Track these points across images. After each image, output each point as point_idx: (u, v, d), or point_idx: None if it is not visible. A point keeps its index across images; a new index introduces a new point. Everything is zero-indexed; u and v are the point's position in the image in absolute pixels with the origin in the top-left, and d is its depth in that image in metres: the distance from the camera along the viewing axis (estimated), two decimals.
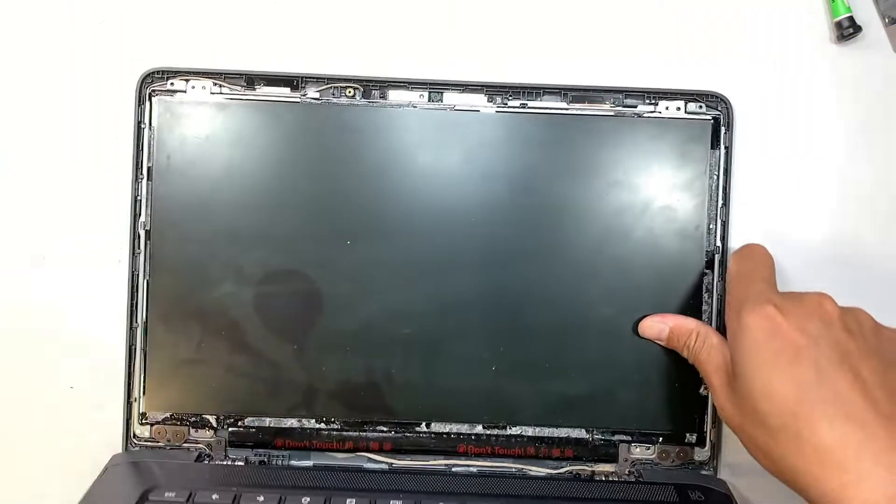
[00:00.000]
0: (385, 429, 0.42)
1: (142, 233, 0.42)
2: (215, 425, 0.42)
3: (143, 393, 0.42)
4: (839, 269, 0.43)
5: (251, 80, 0.42)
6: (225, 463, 0.42)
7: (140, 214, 0.42)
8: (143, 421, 0.42)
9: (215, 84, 0.42)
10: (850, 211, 0.43)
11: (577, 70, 0.43)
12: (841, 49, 0.43)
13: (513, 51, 0.43)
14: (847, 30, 0.42)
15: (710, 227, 0.42)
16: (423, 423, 0.42)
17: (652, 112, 0.42)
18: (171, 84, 0.42)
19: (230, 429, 0.42)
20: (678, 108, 0.42)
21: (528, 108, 0.42)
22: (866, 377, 0.33)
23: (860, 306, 0.37)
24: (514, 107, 0.42)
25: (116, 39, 0.43)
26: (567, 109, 0.42)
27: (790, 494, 0.42)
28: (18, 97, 0.43)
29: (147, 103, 0.42)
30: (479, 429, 0.42)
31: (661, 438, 0.42)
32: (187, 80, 0.42)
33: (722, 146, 0.42)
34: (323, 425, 0.42)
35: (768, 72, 0.43)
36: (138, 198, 0.42)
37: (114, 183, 0.42)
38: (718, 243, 0.42)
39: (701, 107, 0.42)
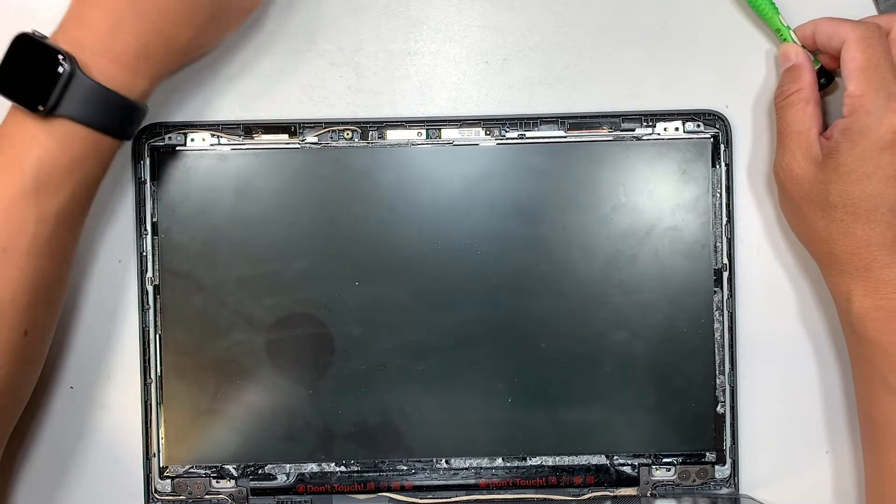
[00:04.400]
0: (405, 468, 0.42)
1: (150, 288, 0.42)
2: (236, 475, 0.42)
3: (162, 448, 0.42)
4: None
5: (249, 129, 0.42)
6: None
7: (147, 270, 0.42)
8: (164, 475, 0.42)
9: (213, 135, 0.42)
10: None
11: (574, 97, 0.43)
12: None
13: (508, 82, 0.43)
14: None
15: (717, 245, 0.42)
16: (443, 460, 0.42)
17: (650, 134, 0.42)
18: (169, 138, 0.42)
19: (251, 477, 0.42)
20: (676, 129, 0.42)
21: (527, 138, 0.42)
22: None
23: None
24: (512, 138, 0.42)
25: None
26: (565, 137, 0.42)
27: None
28: None
29: (146, 159, 0.42)
30: (499, 462, 0.42)
31: (680, 459, 0.42)
32: (185, 134, 0.42)
33: (722, 163, 0.42)
34: (343, 468, 0.42)
35: (764, 84, 0.43)
36: (143, 253, 0.42)
37: (117, 240, 0.42)
38: (725, 260, 0.42)
39: (699, 126, 0.42)
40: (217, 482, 0.42)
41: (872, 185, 0.36)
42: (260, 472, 0.42)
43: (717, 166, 0.42)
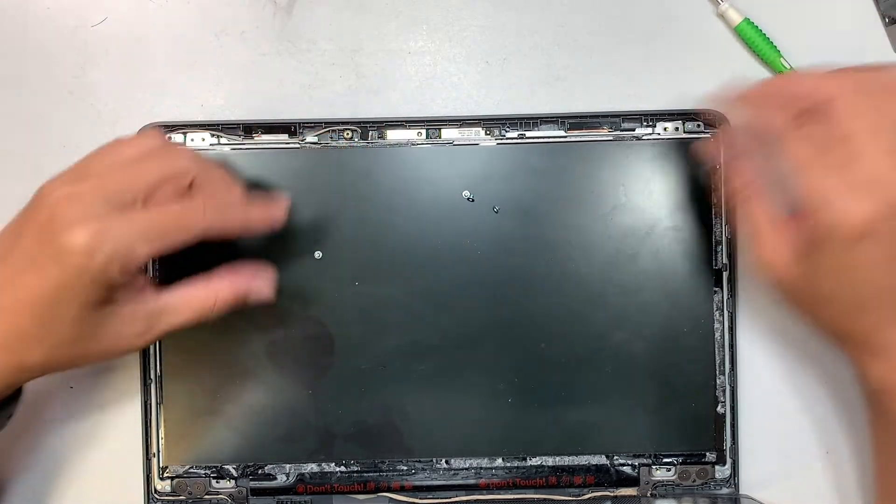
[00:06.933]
0: (405, 468, 0.42)
1: None
2: (236, 475, 0.42)
3: (162, 448, 0.42)
4: None
5: (248, 129, 0.42)
6: None
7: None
8: (164, 475, 0.42)
9: (213, 135, 0.42)
10: None
11: (574, 97, 0.43)
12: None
13: (508, 82, 0.43)
14: None
15: (717, 245, 0.42)
16: (443, 460, 0.42)
17: (650, 134, 0.42)
18: (169, 138, 0.42)
19: (251, 477, 0.42)
20: (676, 129, 0.42)
21: (527, 138, 0.42)
22: None
23: None
24: (512, 138, 0.42)
25: (111, 96, 0.43)
26: (566, 137, 0.42)
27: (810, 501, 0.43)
28: (17, 163, 0.43)
29: None
30: (499, 462, 0.42)
31: (680, 459, 0.42)
32: (185, 133, 0.42)
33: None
34: (343, 468, 0.42)
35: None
36: None
37: None
38: (725, 260, 0.42)
39: (699, 126, 0.42)
40: (217, 482, 0.42)
41: (862, 274, 0.33)
42: (260, 472, 0.42)
43: (718, 166, 0.42)
